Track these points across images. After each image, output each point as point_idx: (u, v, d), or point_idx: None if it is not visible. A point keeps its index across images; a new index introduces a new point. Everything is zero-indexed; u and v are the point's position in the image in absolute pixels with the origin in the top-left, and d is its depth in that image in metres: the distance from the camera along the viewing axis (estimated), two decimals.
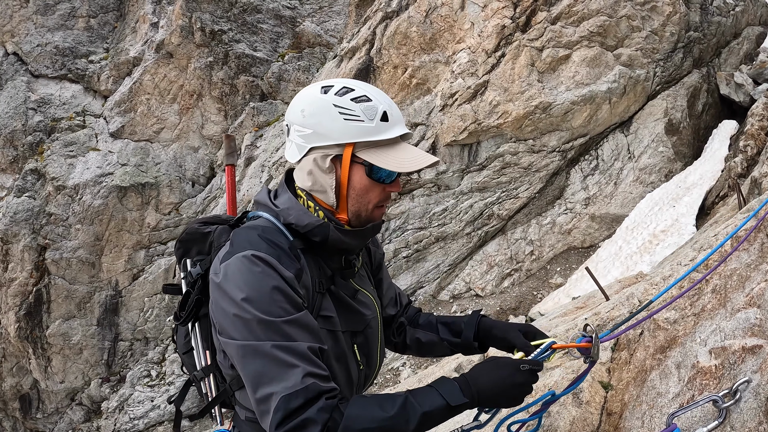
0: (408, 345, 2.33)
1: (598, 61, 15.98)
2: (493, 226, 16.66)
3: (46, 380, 20.70)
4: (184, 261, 2.08)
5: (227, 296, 1.68)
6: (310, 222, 1.83)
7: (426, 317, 2.34)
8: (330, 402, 1.62)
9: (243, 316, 1.65)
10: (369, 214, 1.90)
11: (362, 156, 1.80)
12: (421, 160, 1.84)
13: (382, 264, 2.32)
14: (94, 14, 25.56)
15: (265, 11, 24.84)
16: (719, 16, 17.62)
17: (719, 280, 2.45)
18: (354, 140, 1.79)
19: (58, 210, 21.13)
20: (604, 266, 13.21)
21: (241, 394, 1.89)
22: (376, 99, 1.83)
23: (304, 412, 1.57)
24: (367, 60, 18.30)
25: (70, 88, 24.12)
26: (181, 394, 2.15)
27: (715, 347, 2.01)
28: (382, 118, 1.81)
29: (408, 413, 1.63)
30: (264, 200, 1.94)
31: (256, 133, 21.78)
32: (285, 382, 1.60)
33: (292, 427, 1.56)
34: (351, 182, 1.84)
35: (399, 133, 1.84)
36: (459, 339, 2.17)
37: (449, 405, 1.67)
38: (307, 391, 1.59)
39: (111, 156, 22.16)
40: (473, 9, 16.88)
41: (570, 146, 16.35)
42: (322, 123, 1.80)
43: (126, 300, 21.16)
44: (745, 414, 1.70)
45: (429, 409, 1.65)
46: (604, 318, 4.53)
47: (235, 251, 1.74)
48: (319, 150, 1.84)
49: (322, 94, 1.83)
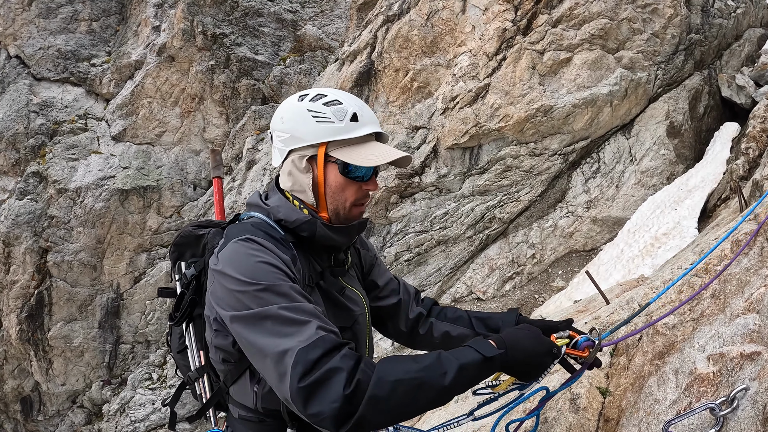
0: (434, 337, 2.32)
1: (600, 63, 15.97)
2: (495, 229, 16.64)
3: (48, 383, 20.72)
4: (179, 264, 2.12)
5: (227, 276, 1.72)
6: (299, 218, 1.92)
7: (455, 311, 2.35)
8: (352, 352, 1.60)
9: (245, 290, 1.67)
10: (347, 212, 1.97)
11: (334, 155, 1.91)
12: (388, 154, 1.93)
13: (375, 264, 2.35)
14: (97, 18, 25.62)
15: (266, 15, 24.88)
16: (720, 18, 17.60)
17: (718, 284, 2.44)
18: (325, 139, 1.90)
19: (60, 213, 21.15)
20: (606, 269, 13.18)
21: (236, 389, 1.91)
22: (346, 102, 1.94)
23: (327, 362, 1.53)
24: (368, 63, 18.30)
25: (72, 91, 24.17)
26: (175, 395, 2.19)
27: (713, 353, 2.00)
28: (351, 119, 1.91)
29: (444, 365, 1.60)
30: (255, 201, 2.03)
31: (258, 136, 21.78)
32: (299, 337, 1.58)
33: (315, 380, 1.51)
34: (327, 180, 1.94)
35: (368, 131, 1.94)
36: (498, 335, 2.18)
37: (485, 357, 1.65)
38: (323, 341, 1.57)
39: (113, 159, 22.19)
40: (474, 12, 16.88)
41: (571, 149, 16.33)
42: (298, 127, 1.92)
43: (127, 303, 21.18)
44: (743, 422, 1.69)
45: (465, 362, 1.62)
46: (604, 322, 4.52)
47: (229, 240, 1.82)
48: (296, 152, 1.96)
49: (298, 101, 1.97)
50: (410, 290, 2.41)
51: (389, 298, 2.33)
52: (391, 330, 2.39)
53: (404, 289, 2.39)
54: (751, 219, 2.74)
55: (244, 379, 1.89)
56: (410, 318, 2.34)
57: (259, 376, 1.85)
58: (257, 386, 1.86)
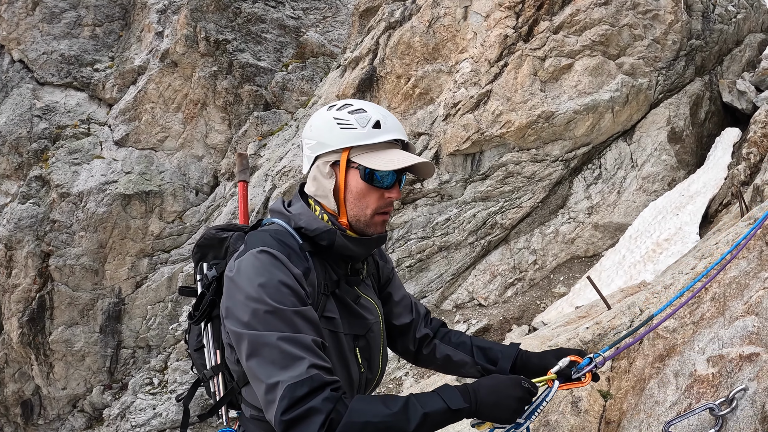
0: (436, 359, 2.40)
1: (601, 70, 16.00)
2: (496, 235, 16.65)
3: (48, 386, 20.70)
4: (201, 264, 2.20)
5: (238, 287, 1.80)
6: (318, 227, 1.97)
7: (459, 336, 2.41)
8: (334, 394, 1.69)
9: (252, 306, 1.75)
10: (368, 219, 2.01)
11: (356, 160, 1.96)
12: (408, 159, 1.97)
13: (391, 278, 2.40)
14: (100, 23, 25.67)
15: (269, 21, 24.92)
16: (721, 24, 17.63)
17: (718, 288, 2.46)
18: (348, 145, 1.95)
19: (62, 217, 21.18)
20: (608, 275, 13.18)
21: (248, 390, 1.97)
22: (370, 111, 2.00)
23: (309, 401, 1.65)
24: (370, 70, 18.34)
25: (75, 95, 24.20)
26: (190, 392, 2.26)
27: (713, 355, 2.02)
28: (374, 126, 1.96)
29: (409, 412, 1.69)
30: (278, 208, 2.10)
31: (260, 142, 21.81)
32: (291, 372, 1.68)
33: (296, 416, 1.63)
34: (348, 186, 1.98)
35: (390, 137, 1.98)
36: (495, 367, 2.25)
37: (449, 408, 1.73)
38: (311, 381, 1.67)
39: (115, 164, 22.22)
40: (476, 19, 16.92)
41: (573, 155, 16.35)
42: (323, 133, 1.99)
43: (129, 308, 21.17)
44: (742, 422, 1.70)
45: (430, 411, 1.71)
46: (606, 327, 4.54)
47: (247, 249, 1.88)
48: (322, 158, 2.01)
49: (326, 111, 2.04)
50: (421, 310, 2.47)
51: (402, 317, 2.39)
52: (399, 347, 2.45)
53: (416, 308, 2.44)
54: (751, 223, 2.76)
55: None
56: (417, 338, 2.40)
57: None
58: None
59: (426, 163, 2.01)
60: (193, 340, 2.27)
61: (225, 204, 21.42)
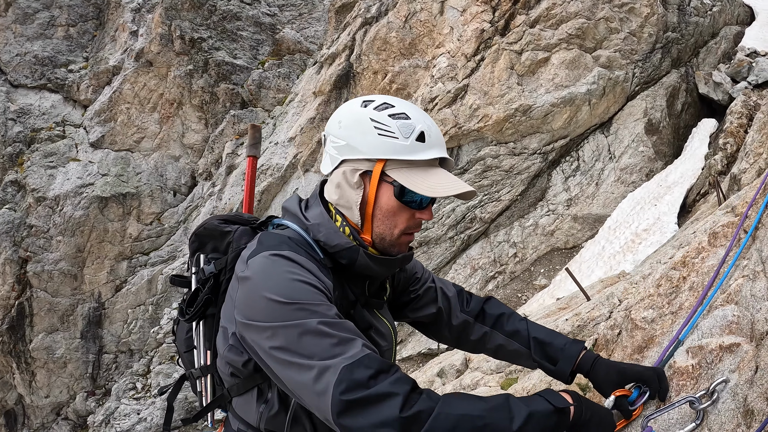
0: (486, 348, 2.20)
1: (577, 63, 16.06)
2: (476, 229, 16.67)
3: (31, 395, 20.50)
4: (198, 256, 2.00)
5: (260, 286, 1.58)
6: (339, 243, 1.75)
7: (513, 322, 2.17)
8: (406, 375, 1.49)
9: (280, 308, 1.54)
10: (394, 239, 1.80)
11: (392, 175, 1.72)
12: (455, 186, 1.75)
13: (411, 281, 2.19)
14: (74, 23, 25.43)
15: (244, 18, 24.82)
16: (697, 17, 17.77)
17: (696, 277, 2.44)
18: (385, 156, 1.71)
19: (39, 222, 20.95)
20: (588, 266, 13.24)
21: (239, 402, 1.80)
22: (415, 118, 1.74)
23: (376, 384, 1.43)
24: (347, 66, 18.29)
25: (49, 98, 23.97)
26: (174, 389, 2.08)
27: (692, 346, 1.99)
28: (418, 138, 1.72)
29: (512, 409, 1.49)
30: (294, 210, 1.86)
31: (237, 141, 21.70)
32: (343, 354, 1.47)
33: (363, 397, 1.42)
34: (378, 201, 1.75)
35: (435, 156, 1.76)
36: (554, 366, 2.06)
37: (555, 408, 1.55)
38: (370, 359, 1.47)
39: (91, 166, 22.02)
40: (452, 14, 16.92)
41: (551, 148, 16.41)
42: (356, 136, 1.73)
43: (109, 312, 21.00)
44: (723, 415, 1.67)
45: (534, 410, 1.51)
46: (585, 318, 4.54)
47: (267, 250, 1.66)
48: (350, 163, 1.76)
49: (361, 107, 1.77)
50: (449, 294, 2.22)
51: (427, 308, 2.18)
52: (433, 334, 2.27)
53: (443, 295, 2.21)
54: (729, 211, 2.75)
55: (249, 395, 1.77)
56: (454, 325, 2.20)
57: (266, 397, 1.74)
58: (263, 406, 1.75)
59: (470, 191, 1.80)
60: (182, 338, 2.08)
61: (203, 204, 21.30)
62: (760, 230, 2.12)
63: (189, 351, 2.03)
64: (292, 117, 20.29)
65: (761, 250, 1.99)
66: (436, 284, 2.22)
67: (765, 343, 1.69)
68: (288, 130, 19.88)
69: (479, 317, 2.21)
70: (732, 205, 2.70)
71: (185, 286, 2.03)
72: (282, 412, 1.72)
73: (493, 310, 2.21)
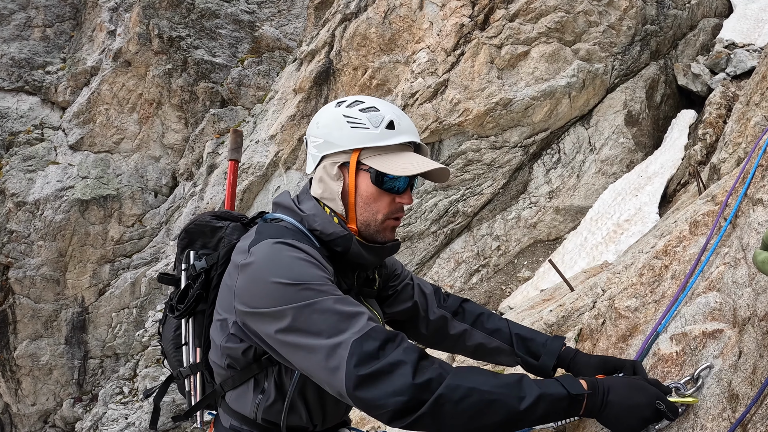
0: (466, 345, 2.23)
1: (557, 56, 16.12)
2: (459, 223, 16.70)
3: (17, 404, 20.30)
4: (187, 252, 2.02)
5: (265, 271, 1.63)
6: (335, 231, 1.84)
7: (493, 321, 2.22)
8: (413, 344, 1.54)
9: (286, 289, 1.59)
10: (378, 225, 1.88)
11: (367, 162, 1.84)
12: (425, 164, 1.85)
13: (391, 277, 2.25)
14: (51, 23, 25.17)
15: (223, 16, 24.68)
16: (675, 9, 17.88)
17: (678, 265, 2.45)
18: (359, 146, 1.83)
19: (20, 227, 20.73)
20: (571, 257, 13.31)
21: (234, 396, 1.84)
22: (383, 109, 1.87)
23: (387, 354, 1.49)
24: (327, 62, 18.25)
25: (27, 100, 23.73)
26: (161, 390, 2.09)
27: (675, 333, 2.00)
28: (387, 126, 1.84)
29: (524, 389, 1.50)
30: (287, 203, 1.94)
31: (218, 140, 21.59)
32: (352, 328, 1.53)
33: (377, 370, 1.46)
34: (358, 190, 1.86)
35: (405, 140, 1.87)
36: (536, 361, 2.09)
37: (569, 393, 1.54)
38: (376, 331, 1.53)
39: (71, 169, 21.82)
40: (432, 8, 16.92)
41: (532, 141, 16.47)
42: (332, 132, 1.86)
43: (93, 316, 20.83)
44: (708, 401, 1.68)
45: (545, 392, 1.51)
46: (569, 309, 4.56)
47: (267, 238, 1.72)
48: (329, 158, 1.88)
49: (335, 107, 1.91)
50: (426, 291, 2.30)
51: (404, 303, 2.23)
52: (410, 332, 2.30)
53: (419, 291, 2.28)
54: (709, 200, 2.77)
55: (246, 387, 1.81)
56: (431, 320, 2.25)
57: (263, 387, 1.79)
58: (260, 396, 1.79)
59: (442, 168, 1.89)
60: (170, 336, 2.09)
61: (185, 204, 21.17)
62: (739, 218, 2.13)
63: (177, 349, 2.04)
64: (273, 115, 20.21)
65: (741, 238, 2.01)
66: (414, 281, 2.29)
67: (747, 328, 1.70)
68: (269, 128, 19.80)
69: (458, 315, 2.27)
70: (712, 194, 2.72)
71: (174, 284, 2.03)
72: (279, 401, 1.78)
73: (473, 309, 2.28)
